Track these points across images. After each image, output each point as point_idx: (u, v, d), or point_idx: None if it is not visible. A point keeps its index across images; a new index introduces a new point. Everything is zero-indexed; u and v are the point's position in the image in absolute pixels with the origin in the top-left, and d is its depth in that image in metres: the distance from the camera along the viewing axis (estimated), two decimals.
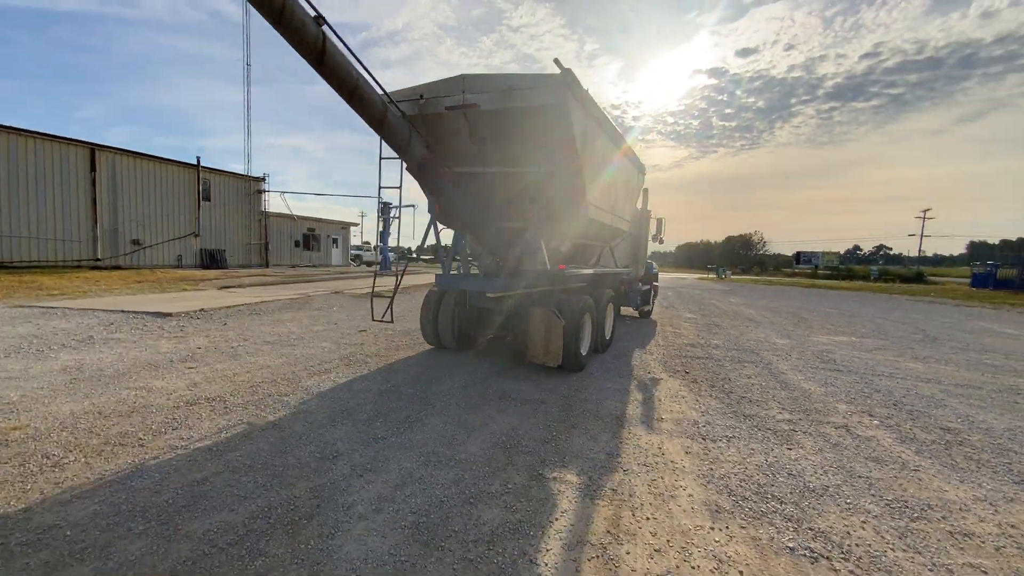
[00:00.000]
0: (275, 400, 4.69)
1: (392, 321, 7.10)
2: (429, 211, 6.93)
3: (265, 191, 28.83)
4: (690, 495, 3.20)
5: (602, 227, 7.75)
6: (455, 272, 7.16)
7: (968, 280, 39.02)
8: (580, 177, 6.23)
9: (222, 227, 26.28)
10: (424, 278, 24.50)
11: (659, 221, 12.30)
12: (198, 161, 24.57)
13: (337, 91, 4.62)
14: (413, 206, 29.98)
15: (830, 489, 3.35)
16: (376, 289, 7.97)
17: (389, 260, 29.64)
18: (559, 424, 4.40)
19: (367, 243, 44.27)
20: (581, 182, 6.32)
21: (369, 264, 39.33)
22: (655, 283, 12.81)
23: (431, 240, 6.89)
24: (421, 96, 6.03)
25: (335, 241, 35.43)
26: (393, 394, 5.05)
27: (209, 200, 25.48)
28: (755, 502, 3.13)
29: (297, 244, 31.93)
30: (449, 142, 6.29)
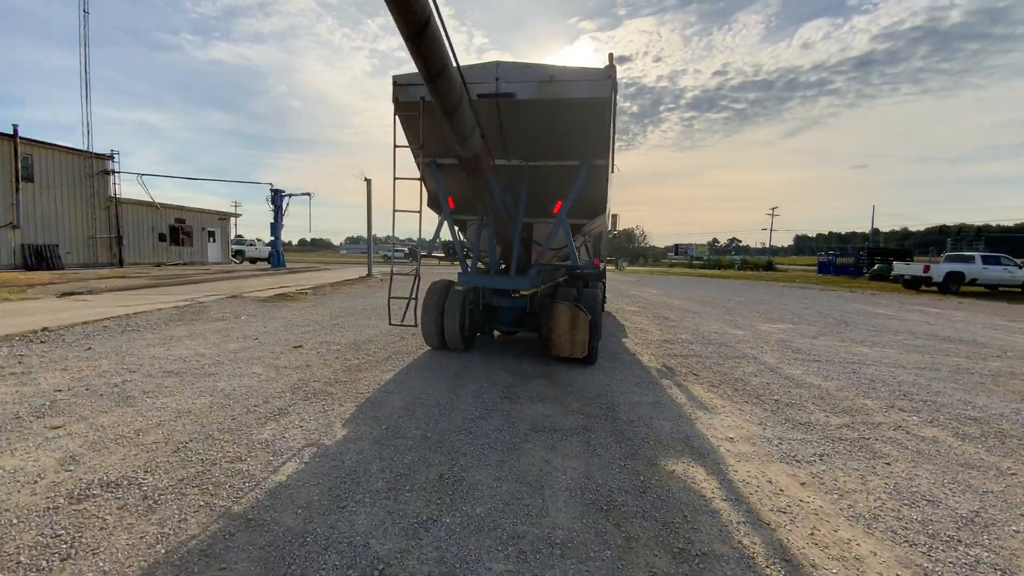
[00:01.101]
0: (226, 473, 3.10)
1: (416, 325, 6.49)
2: (430, 206, 6.38)
3: (114, 172, 23.35)
4: (873, 552, 2.52)
5: (602, 221, 7.36)
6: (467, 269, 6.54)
7: (808, 266, 46.26)
8: (606, 172, 5.66)
9: (53, 216, 20.71)
10: (343, 272, 21.76)
11: (615, 216, 12.12)
12: (15, 131, 18.92)
13: (424, 69, 3.51)
14: (309, 195, 26.65)
15: (982, 515, 2.92)
16: (281, 290, 6.32)
17: (283, 256, 26.07)
18: (633, 461, 3.50)
19: (239, 236, 38.49)
20: (606, 177, 5.73)
21: (254, 261, 34.45)
22: (603, 279, 12.57)
23: (443, 235, 6.51)
24: None
25: (211, 235, 30.27)
26: (398, 440, 3.72)
27: (32, 181, 19.85)
28: (945, 551, 2.55)
29: (163, 238, 26.60)
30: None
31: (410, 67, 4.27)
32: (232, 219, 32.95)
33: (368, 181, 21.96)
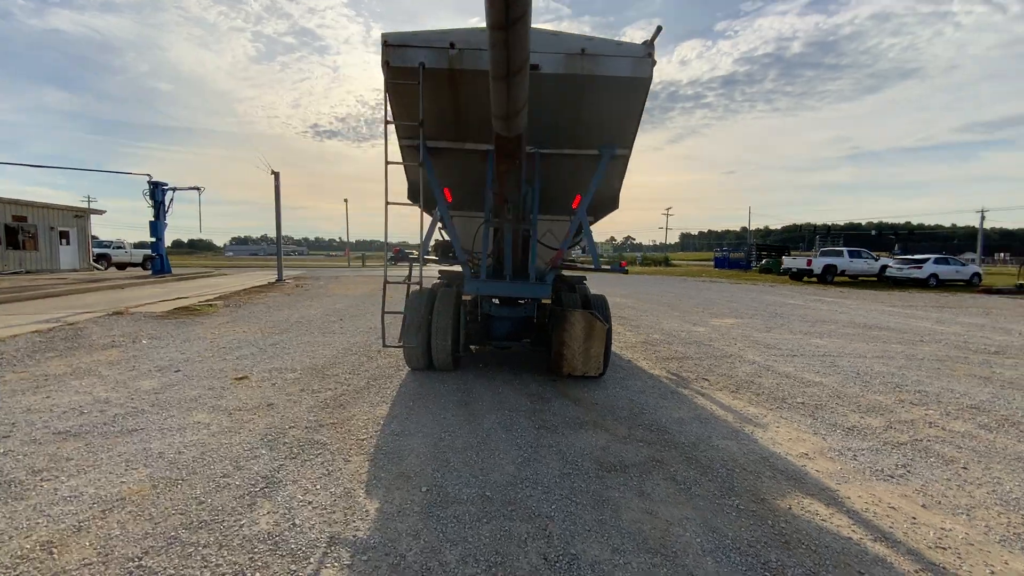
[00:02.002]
0: None
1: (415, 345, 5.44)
2: (412, 199, 5.15)
3: None
4: None
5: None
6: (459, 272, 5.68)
7: (700, 262, 50.95)
8: (625, 164, 5.09)
9: None
10: (244, 278, 18.58)
11: None
12: None
13: (503, 10, 2.55)
14: (199, 188, 22.85)
15: None
16: (178, 302, 5.04)
17: (167, 261, 22.22)
18: (739, 498, 2.99)
19: (93, 237, 31.68)
20: (624, 170, 5.17)
21: (123, 266, 29.03)
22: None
23: (433, 236, 5.57)
24: (452, 45, 4.28)
25: (64, 236, 24.82)
26: (454, 506, 2.81)
27: None
28: None
29: None
30: (481, 110, 4.41)
31: (393, 26, 3.32)
32: (90, 217, 27.32)
33: (276, 175, 19.40)
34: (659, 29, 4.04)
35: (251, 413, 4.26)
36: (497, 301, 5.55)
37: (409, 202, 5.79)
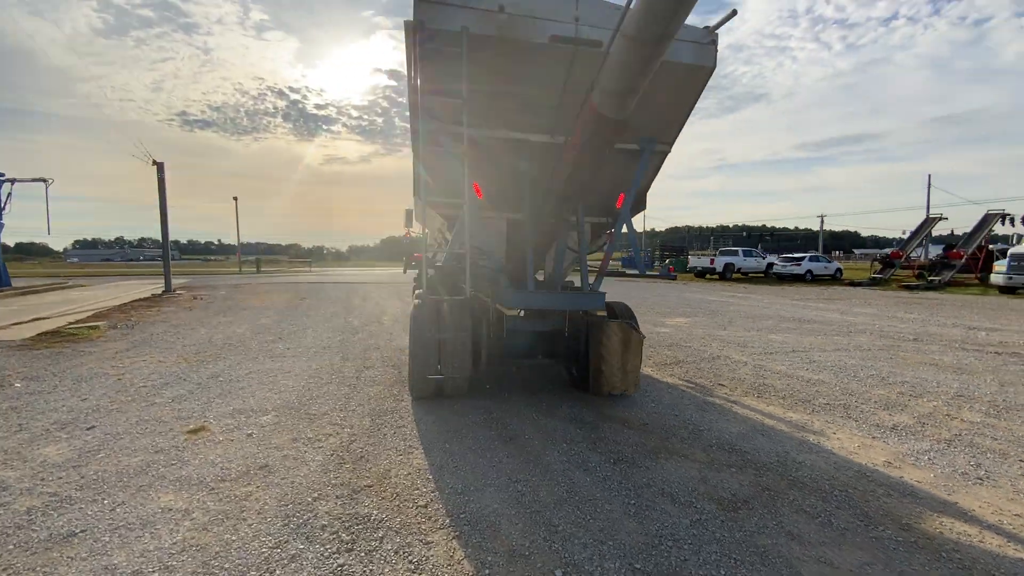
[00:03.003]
0: None
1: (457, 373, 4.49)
2: (414, 195, 4.24)
3: None
4: None
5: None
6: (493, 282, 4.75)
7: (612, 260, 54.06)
8: (663, 161, 4.71)
9: None
10: (113, 289, 14.84)
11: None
12: None
13: None
14: (46, 180, 18.38)
15: None
16: (40, 325, 3.92)
17: (5, 271, 17.67)
18: (890, 529, 2.72)
19: None
20: (660, 166, 4.78)
21: None
22: None
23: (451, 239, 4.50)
24: (501, 8, 3.54)
25: None
26: None
27: None
28: None
29: None
30: (527, 91, 3.65)
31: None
32: None
33: (159, 165, 16.28)
34: (733, 12, 3.68)
35: (244, 484, 3.12)
36: (522, 313, 4.86)
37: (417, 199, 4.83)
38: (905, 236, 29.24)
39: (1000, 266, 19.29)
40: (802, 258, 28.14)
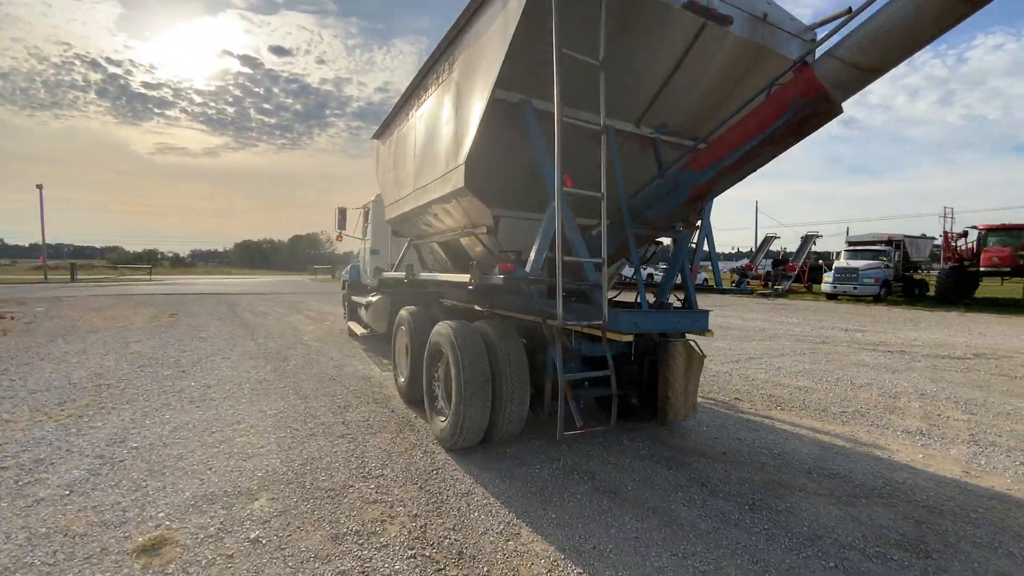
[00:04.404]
0: None
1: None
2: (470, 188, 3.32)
3: None
4: None
5: None
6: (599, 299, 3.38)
7: None
8: None
9: None
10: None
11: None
12: None
13: None
14: None
15: None
16: None
17: None
18: None
19: None
20: None
21: None
22: None
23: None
24: None
25: None
26: None
27: None
28: None
29: None
30: (632, 64, 2.93)
31: None
32: None
33: None
34: (848, 11, 3.44)
35: None
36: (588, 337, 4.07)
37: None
38: (735, 251, 34.72)
39: (828, 277, 23.73)
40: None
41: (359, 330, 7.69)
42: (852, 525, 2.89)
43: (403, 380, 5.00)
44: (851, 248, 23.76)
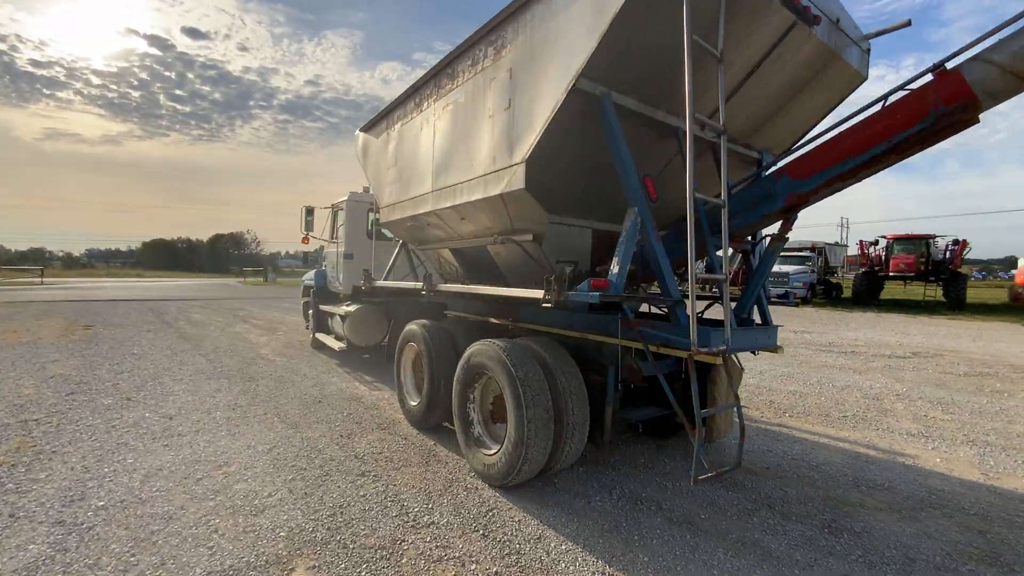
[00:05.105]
0: None
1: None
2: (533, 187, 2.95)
3: None
4: None
5: None
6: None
7: None
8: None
9: None
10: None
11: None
12: None
13: None
14: None
15: None
16: None
17: None
18: None
19: None
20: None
21: None
22: None
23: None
24: None
25: None
26: None
27: None
28: None
29: None
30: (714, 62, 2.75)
31: None
32: None
33: None
34: (907, 23, 3.43)
35: None
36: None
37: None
38: None
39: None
40: None
41: (335, 344, 6.94)
42: (930, 542, 2.87)
43: (416, 404, 4.47)
44: (781, 254, 25.73)
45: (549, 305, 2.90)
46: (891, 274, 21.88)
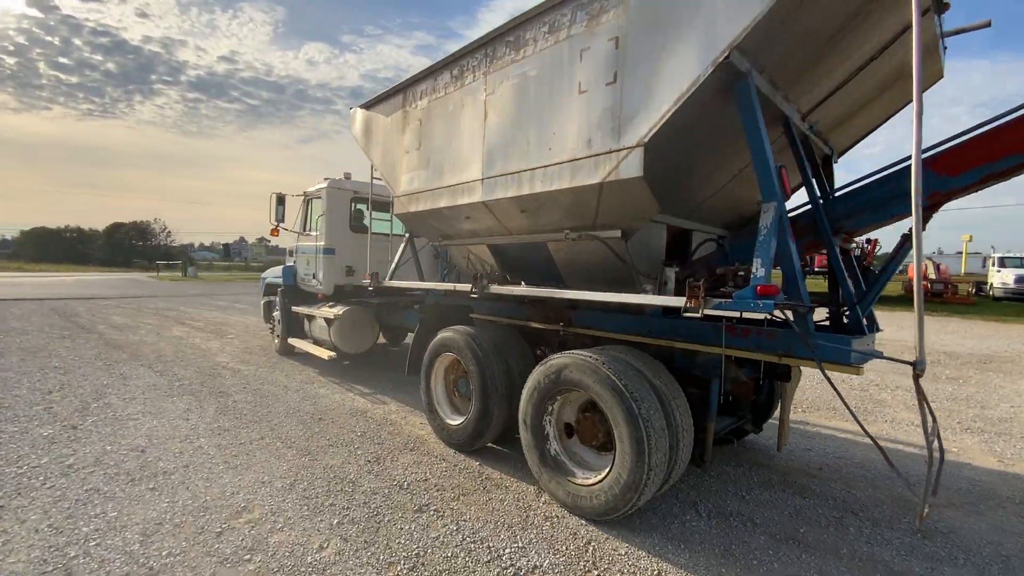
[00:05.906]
0: None
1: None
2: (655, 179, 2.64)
3: None
4: None
5: None
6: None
7: None
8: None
9: None
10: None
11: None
12: None
13: None
14: None
15: None
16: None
17: None
18: None
19: None
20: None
21: None
22: None
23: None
24: None
25: None
26: None
27: None
28: None
29: None
30: (842, 47, 2.69)
31: None
32: None
33: None
34: (987, 24, 3.36)
35: None
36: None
37: None
38: None
39: None
40: None
41: (321, 352, 6.12)
42: (1014, 539, 2.94)
43: (459, 424, 3.93)
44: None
45: (696, 315, 2.57)
46: (815, 269, 24.02)
